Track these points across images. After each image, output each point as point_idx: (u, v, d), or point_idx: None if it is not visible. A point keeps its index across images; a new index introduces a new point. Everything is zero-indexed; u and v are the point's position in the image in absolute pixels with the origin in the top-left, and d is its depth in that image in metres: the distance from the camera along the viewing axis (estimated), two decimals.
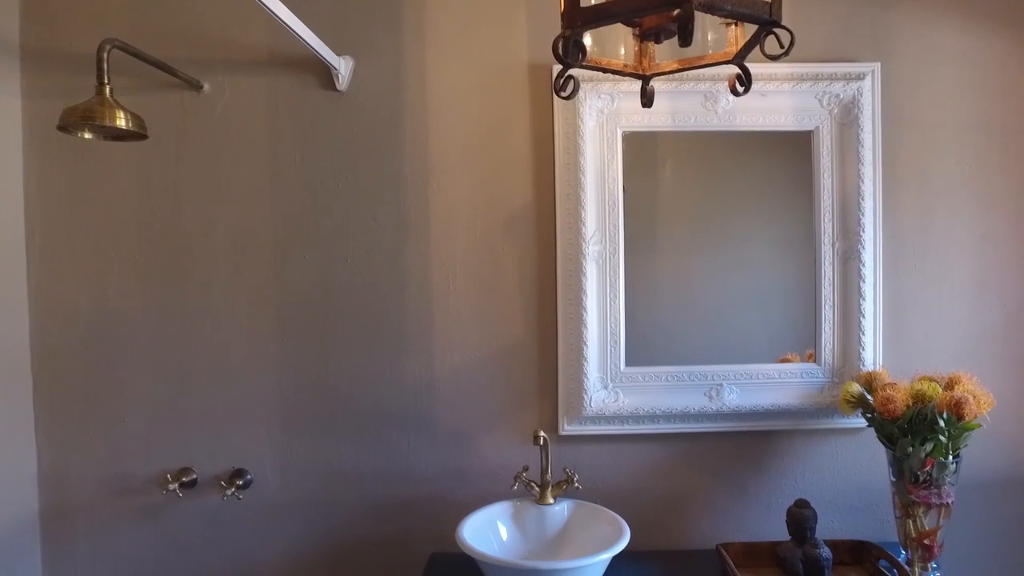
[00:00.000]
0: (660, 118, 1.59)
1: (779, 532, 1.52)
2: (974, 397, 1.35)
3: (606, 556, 1.29)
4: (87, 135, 1.31)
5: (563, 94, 1.04)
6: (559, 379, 1.61)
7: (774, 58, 0.92)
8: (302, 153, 1.62)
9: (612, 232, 1.58)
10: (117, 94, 1.29)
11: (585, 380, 1.57)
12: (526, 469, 1.54)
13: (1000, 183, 1.64)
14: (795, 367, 1.60)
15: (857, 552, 1.51)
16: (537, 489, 1.52)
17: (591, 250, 1.58)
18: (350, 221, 1.63)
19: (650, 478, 1.65)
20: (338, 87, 1.61)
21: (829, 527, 1.62)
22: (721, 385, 1.59)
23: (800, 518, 1.45)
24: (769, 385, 1.60)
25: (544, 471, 1.51)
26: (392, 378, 1.64)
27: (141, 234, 1.63)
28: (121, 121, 1.23)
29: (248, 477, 1.65)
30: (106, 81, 1.24)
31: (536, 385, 1.63)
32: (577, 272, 1.57)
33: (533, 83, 1.62)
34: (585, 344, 1.57)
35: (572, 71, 1.01)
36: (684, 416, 1.59)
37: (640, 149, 1.62)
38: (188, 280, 1.63)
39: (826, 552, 1.41)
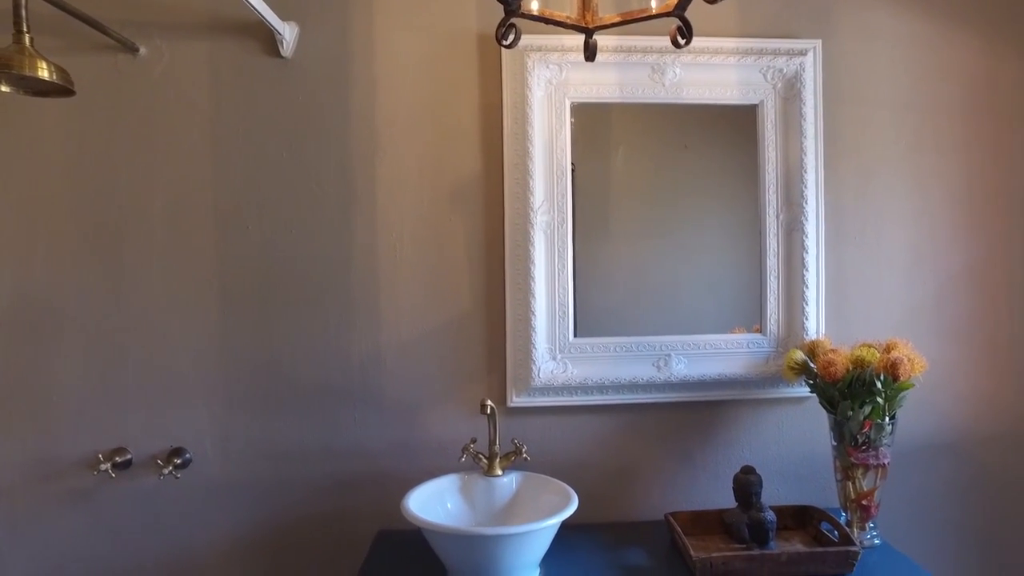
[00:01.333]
0: (608, 89, 1.59)
1: (727, 500, 1.54)
2: (908, 359, 1.39)
3: (553, 522, 1.28)
4: (4, 88, 1.24)
5: (504, 43, 1.03)
6: (507, 350, 1.59)
7: (712, 1, 0.92)
8: (245, 121, 1.58)
9: (560, 203, 1.58)
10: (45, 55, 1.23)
11: (533, 351, 1.56)
12: (474, 441, 1.52)
13: (933, 160, 1.70)
14: (741, 337, 1.62)
15: (800, 516, 1.54)
16: (485, 461, 1.51)
17: (539, 220, 1.57)
18: (295, 190, 1.59)
19: (599, 449, 1.64)
20: (283, 53, 1.57)
21: (775, 494, 1.64)
22: (669, 355, 1.60)
23: (746, 484, 1.47)
24: (716, 355, 1.61)
25: (492, 442, 1.50)
26: (338, 351, 1.60)
27: (71, 203, 1.56)
28: (43, 71, 1.17)
29: (187, 456, 1.59)
30: (24, 29, 1.17)
31: (484, 357, 1.62)
32: (525, 242, 1.56)
33: (482, 53, 1.61)
34: (533, 314, 1.56)
35: (517, 23, 1.00)
36: (632, 386, 1.60)
37: (594, 133, 1.62)
38: (122, 252, 1.57)
39: (770, 515, 1.43)
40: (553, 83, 1.58)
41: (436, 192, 1.61)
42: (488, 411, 1.44)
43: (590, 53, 1.09)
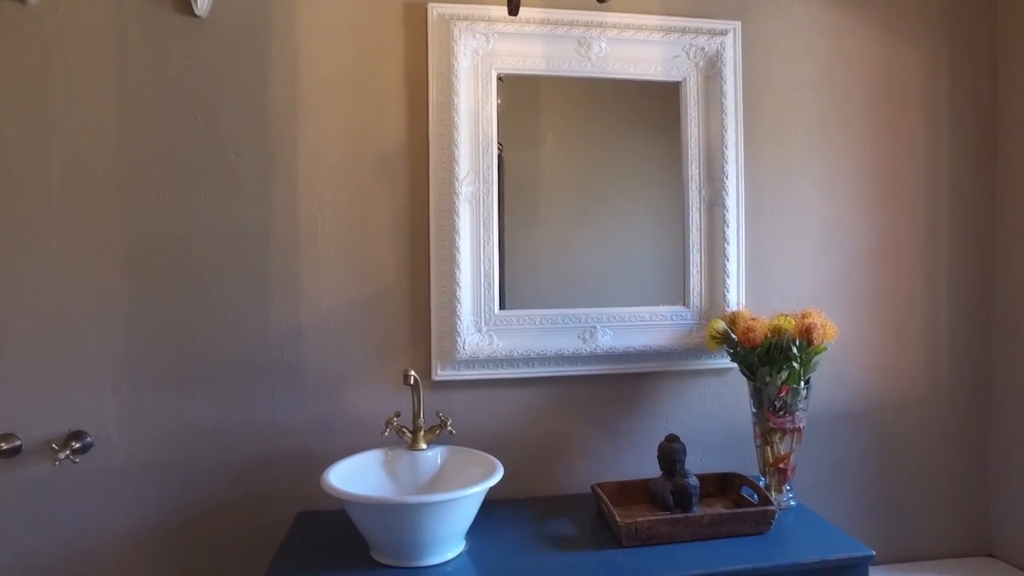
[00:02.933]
0: (535, 62, 1.59)
1: (652, 471, 1.55)
2: (821, 325, 1.44)
3: (478, 489, 1.26)
4: None
5: None
6: (432, 323, 1.56)
7: None
8: (154, 82, 1.49)
9: (486, 174, 1.56)
10: None
11: (458, 323, 1.54)
12: (398, 415, 1.48)
13: (842, 141, 1.77)
14: (665, 309, 1.64)
15: (722, 483, 1.57)
16: (409, 435, 1.47)
17: (464, 191, 1.55)
18: (210, 157, 1.51)
19: (526, 423, 1.63)
20: (197, 12, 1.49)
21: (698, 464, 1.67)
22: (595, 327, 1.61)
23: (670, 452, 1.48)
24: (641, 327, 1.63)
25: (416, 416, 1.46)
26: (255, 326, 1.53)
27: None
28: None
29: (88, 439, 1.48)
30: None
31: (409, 330, 1.58)
32: (450, 213, 1.54)
33: (408, 22, 1.57)
34: (458, 286, 1.53)
35: None
36: (558, 359, 1.59)
37: (521, 112, 1.61)
38: (14, 218, 1.45)
39: (693, 481, 1.45)
40: (480, 53, 1.57)
41: (360, 162, 1.56)
42: (411, 382, 1.40)
43: (513, 8, 1.08)
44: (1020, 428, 1.79)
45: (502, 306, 1.58)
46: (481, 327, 1.56)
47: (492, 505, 1.54)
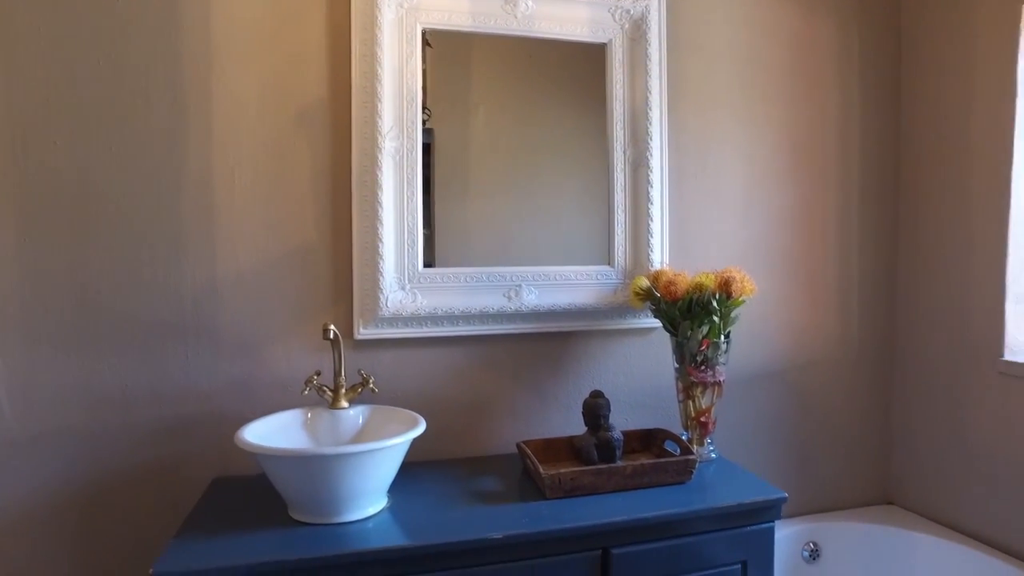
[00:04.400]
0: (461, 17, 1.57)
1: (578, 430, 1.55)
2: (739, 279, 1.47)
3: (398, 441, 1.23)
4: None
5: None
6: (354, 280, 1.52)
7: None
8: (50, 19, 1.39)
9: (410, 129, 1.53)
10: None
11: (381, 279, 1.50)
12: (318, 374, 1.44)
13: (763, 110, 1.82)
14: (591, 269, 1.65)
15: (647, 439, 1.59)
16: (330, 394, 1.43)
17: (388, 146, 1.51)
18: (115, 103, 1.42)
19: (451, 383, 1.61)
20: None
21: (623, 423, 1.69)
22: (520, 286, 1.60)
23: (594, 407, 1.49)
24: (566, 286, 1.63)
25: (337, 374, 1.42)
26: (167, 283, 1.46)
27: None
28: None
29: None
30: None
31: (330, 288, 1.53)
32: (373, 168, 1.50)
33: None
34: (381, 242, 1.50)
35: None
36: (483, 317, 1.58)
37: (451, 83, 1.60)
38: None
39: (617, 434, 1.46)
40: (404, 6, 1.53)
41: (279, 115, 1.51)
42: (331, 336, 1.36)
43: None
44: (919, 386, 1.89)
45: (427, 262, 1.55)
46: (405, 284, 1.54)
47: (417, 466, 1.53)
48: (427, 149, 1.57)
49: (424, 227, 1.56)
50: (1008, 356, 1.66)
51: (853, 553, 1.84)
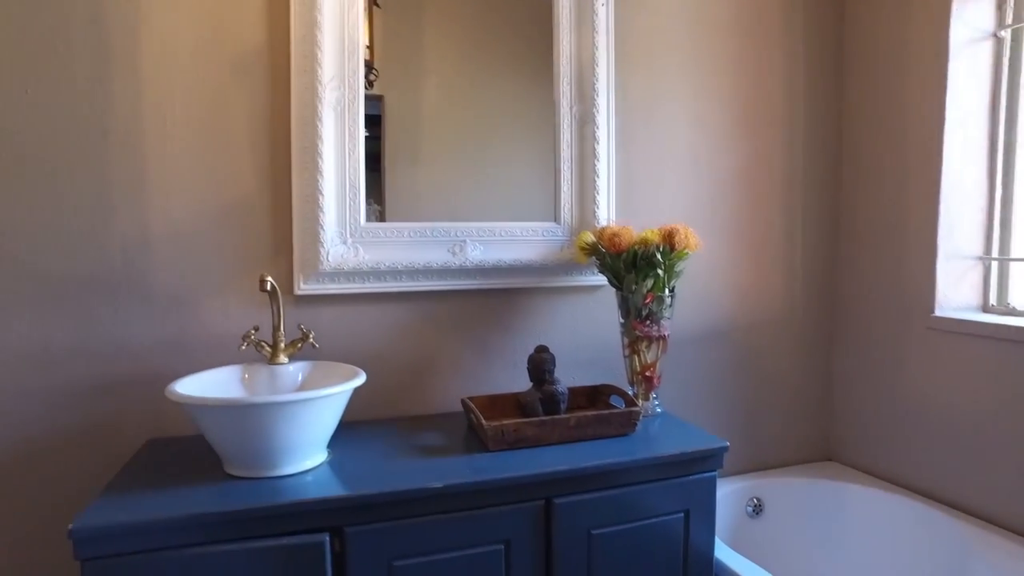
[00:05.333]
0: None
1: (524, 388, 1.55)
2: (683, 232, 1.48)
3: (336, 390, 1.20)
4: None
5: None
6: (294, 233, 1.48)
7: None
8: None
9: (352, 80, 1.49)
10: None
11: (321, 233, 1.46)
12: (256, 329, 1.39)
13: (710, 72, 1.83)
14: (536, 225, 1.64)
15: (592, 395, 1.59)
16: (268, 349, 1.39)
17: (328, 96, 1.47)
18: (29, 44, 1.34)
19: (396, 340, 1.59)
20: None
21: (570, 381, 1.68)
22: (465, 241, 1.58)
23: (539, 362, 1.49)
24: (512, 242, 1.62)
25: (276, 328, 1.38)
26: (92, 236, 1.39)
27: None
28: None
29: None
30: None
31: (270, 241, 1.48)
32: (313, 118, 1.46)
33: None
34: (321, 194, 1.45)
35: None
36: (428, 272, 1.55)
37: (403, 51, 1.56)
38: None
39: (562, 387, 1.46)
40: None
41: (215, 61, 1.44)
42: (268, 288, 1.32)
43: None
44: (858, 345, 1.94)
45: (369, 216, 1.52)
46: (346, 239, 1.50)
47: (361, 424, 1.51)
48: (377, 120, 1.54)
49: (376, 203, 1.54)
50: (938, 312, 1.71)
51: (795, 507, 1.88)
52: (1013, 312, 1.69)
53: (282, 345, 1.39)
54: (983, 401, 1.62)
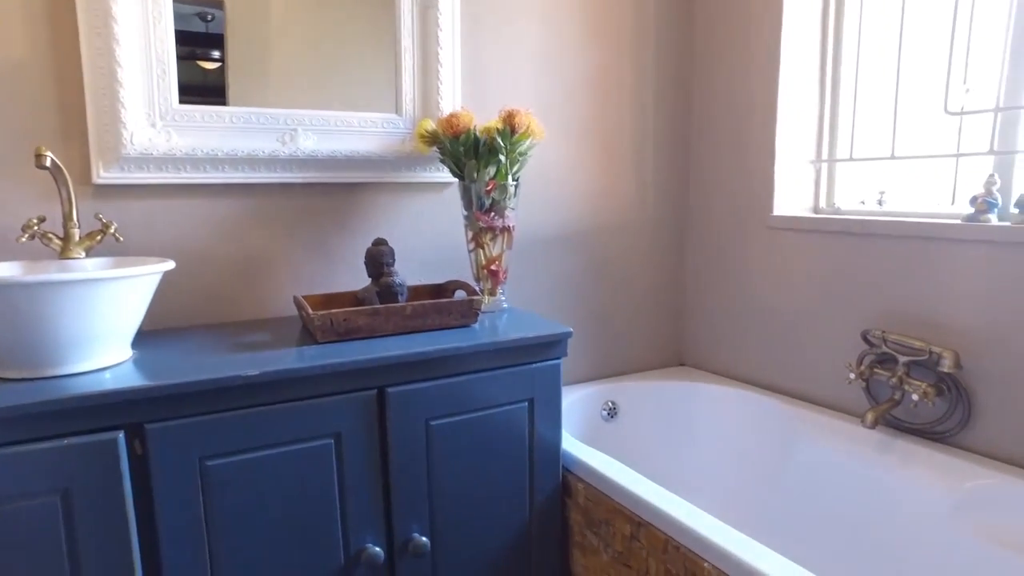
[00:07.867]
0: None
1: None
2: (524, 115, 1.43)
3: (129, 272, 1.06)
4: None
5: None
6: (88, 111, 1.29)
7: None
8: None
9: None
10: None
11: (123, 112, 1.28)
12: (43, 220, 1.21)
13: None
14: (376, 116, 1.53)
15: (437, 292, 1.53)
16: (58, 242, 1.21)
17: None
18: None
19: (220, 238, 1.44)
20: None
21: (415, 282, 1.62)
22: (296, 130, 1.45)
23: (376, 255, 1.40)
24: (349, 132, 1.51)
25: (68, 217, 1.21)
26: None
27: None
28: None
29: None
30: None
31: (55, 119, 1.28)
32: None
33: None
34: (119, 66, 1.27)
35: None
36: (254, 161, 1.42)
37: None
38: None
39: (400, 279, 1.39)
40: None
41: None
42: (48, 164, 1.14)
43: None
44: (706, 249, 1.99)
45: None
46: (155, 121, 1.33)
47: (180, 330, 1.37)
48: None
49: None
50: (776, 212, 1.78)
51: (648, 409, 1.93)
52: (837, 212, 1.78)
53: (76, 237, 1.22)
54: (810, 294, 1.70)
